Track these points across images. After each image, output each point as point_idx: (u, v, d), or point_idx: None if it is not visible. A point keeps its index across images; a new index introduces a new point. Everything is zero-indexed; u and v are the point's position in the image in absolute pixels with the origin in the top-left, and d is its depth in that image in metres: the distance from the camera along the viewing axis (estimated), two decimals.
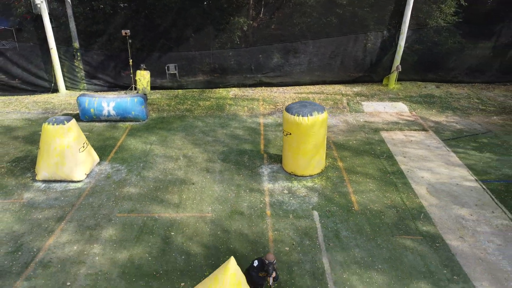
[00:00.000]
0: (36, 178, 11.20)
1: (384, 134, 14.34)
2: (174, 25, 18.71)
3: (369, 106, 16.94)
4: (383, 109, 16.72)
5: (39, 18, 18.02)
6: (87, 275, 8.01)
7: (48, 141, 10.85)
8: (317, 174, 11.56)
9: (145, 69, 18.12)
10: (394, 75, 18.57)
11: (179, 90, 18.83)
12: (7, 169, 11.93)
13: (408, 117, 15.80)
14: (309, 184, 11.15)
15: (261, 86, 19.09)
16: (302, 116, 10.59)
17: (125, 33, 17.41)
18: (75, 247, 8.76)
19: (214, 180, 11.37)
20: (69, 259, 8.42)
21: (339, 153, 12.84)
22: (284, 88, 18.93)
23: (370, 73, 19.15)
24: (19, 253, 8.60)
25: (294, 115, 10.67)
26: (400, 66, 18.12)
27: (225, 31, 18.55)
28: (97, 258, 8.46)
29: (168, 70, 19.00)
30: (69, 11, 18.22)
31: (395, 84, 18.77)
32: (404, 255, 8.60)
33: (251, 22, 18.55)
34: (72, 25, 18.43)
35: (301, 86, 19.02)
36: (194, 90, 18.87)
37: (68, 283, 7.81)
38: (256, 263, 6.76)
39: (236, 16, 18.19)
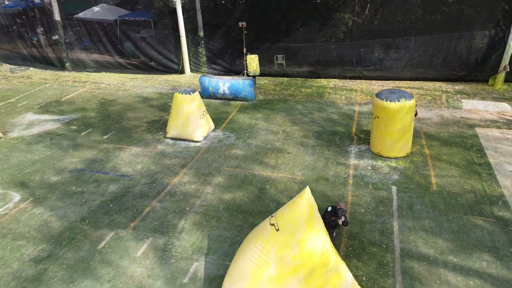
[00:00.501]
0: (167, 135, 14.17)
1: (479, 130, 14.56)
2: (284, 19, 20.78)
3: (469, 104, 17.03)
4: (484, 107, 16.68)
5: (173, 11, 21.50)
6: (200, 205, 10.42)
7: (177, 107, 13.67)
8: (402, 157, 12.57)
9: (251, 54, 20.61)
10: (501, 75, 18.20)
11: (284, 78, 20.88)
12: (146, 127, 15.19)
13: (510, 117, 15.63)
14: (393, 164, 12.25)
15: (361, 79, 20.19)
16: (390, 101, 11.74)
17: (242, 25, 19.93)
18: (193, 186, 11.28)
19: (307, 152, 13.11)
20: (188, 193, 10.94)
21: (427, 142, 13.58)
22: (384, 81, 19.77)
23: (474, 72, 18.99)
24: (154, 184, 11.40)
25: (383, 100, 11.87)
26: (508, 66, 17.74)
27: (330, 26, 20.04)
28: (208, 195, 10.85)
29: (277, 60, 21.15)
30: (197, 5, 21.39)
31: (501, 84, 18.37)
32: (472, 231, 9.37)
33: (356, 18, 19.74)
34: (199, 17, 21.60)
35: (401, 81, 19.66)
36: (298, 78, 20.75)
37: (187, 208, 10.29)
38: (329, 208, 8.33)
39: (341, 12, 19.56)
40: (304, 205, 6.90)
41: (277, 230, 7.06)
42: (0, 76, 22.88)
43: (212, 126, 14.75)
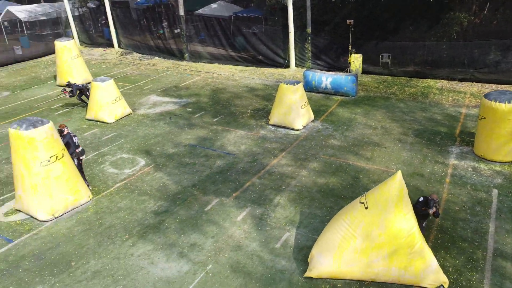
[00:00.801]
0: (269, 122, 15.34)
1: None
2: (393, 17, 20.61)
3: None
4: None
5: (284, 8, 22.66)
6: (296, 185, 11.31)
7: (281, 96, 14.72)
8: (509, 162, 11.99)
9: (355, 53, 20.79)
10: None
11: (388, 77, 20.73)
12: (250, 114, 16.57)
13: None
14: (497, 168, 11.77)
15: (472, 81, 19.18)
16: (500, 102, 11.31)
17: (349, 22, 20.28)
18: (289, 168, 12.22)
19: (404, 148, 13.19)
20: (285, 174, 11.91)
21: None
22: (498, 86, 18.55)
23: None
24: (255, 163, 12.60)
25: (491, 101, 11.48)
26: None
27: (442, 25, 19.38)
28: (303, 178, 11.69)
29: (382, 58, 21.10)
30: (308, 3, 22.24)
31: None
32: None
33: (472, 17, 18.80)
34: (308, 14, 22.45)
35: None
36: (403, 78, 20.44)
37: (283, 187, 11.26)
38: (421, 198, 8.56)
39: (456, 11, 18.80)
40: (395, 187, 7.33)
41: (366, 208, 7.60)
42: (131, 63, 26.40)
43: (312, 117, 15.52)
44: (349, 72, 21.34)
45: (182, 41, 26.42)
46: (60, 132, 10.84)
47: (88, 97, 17.22)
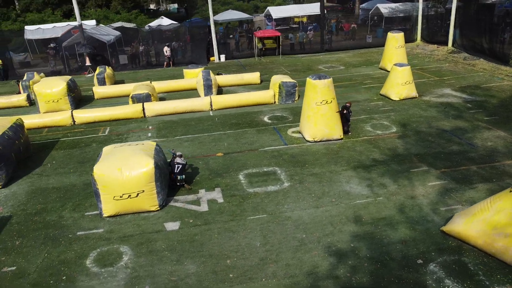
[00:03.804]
0: None
1: None
2: None
3: None
4: None
5: None
6: None
7: None
8: None
9: None
10: None
11: None
12: None
13: None
14: None
15: None
16: None
17: None
18: None
19: None
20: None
21: None
22: None
23: None
24: (486, 158, 13.36)
25: None
26: None
27: None
28: None
29: None
30: None
31: None
32: None
33: None
34: None
35: None
36: None
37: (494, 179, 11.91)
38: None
39: None
40: None
41: (510, 191, 8.41)
42: (453, 60, 27.95)
43: None
44: None
45: None
46: (345, 108, 15.59)
47: None
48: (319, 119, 14.97)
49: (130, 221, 10.90)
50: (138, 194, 10.82)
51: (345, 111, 15.56)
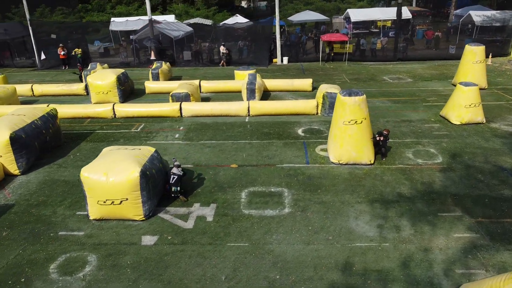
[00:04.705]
0: None
1: None
2: None
3: None
4: None
5: None
6: None
7: None
8: None
9: None
10: None
11: None
12: None
13: None
14: None
15: None
16: None
17: None
18: None
19: None
20: None
21: None
22: None
23: None
24: None
25: None
26: None
27: None
28: None
29: None
30: None
31: None
32: None
33: None
34: None
35: None
36: None
37: None
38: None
39: None
40: None
41: None
42: None
43: None
44: None
45: None
46: (381, 135, 13.60)
47: None
48: (346, 139, 13.34)
49: (112, 228, 10.56)
50: (121, 201, 10.43)
51: (380, 139, 13.67)
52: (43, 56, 32.32)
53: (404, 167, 13.49)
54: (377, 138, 13.64)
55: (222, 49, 30.94)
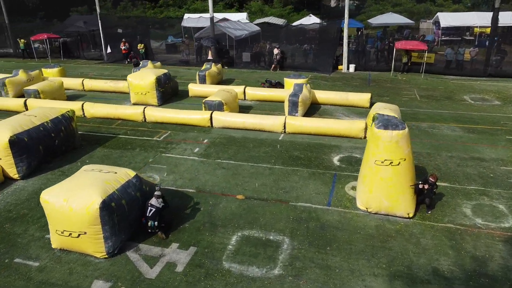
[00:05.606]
0: None
1: None
2: None
3: None
4: None
5: None
6: None
7: None
8: None
9: None
10: None
11: None
12: None
13: None
14: None
15: None
16: None
17: None
18: None
19: None
20: None
21: None
22: None
23: None
24: None
25: None
26: None
27: None
28: None
29: None
30: None
31: None
32: None
33: None
34: None
35: None
36: None
37: None
38: None
39: None
40: None
41: None
42: None
43: None
44: None
45: None
46: (426, 183, 10.55)
47: None
48: (376, 183, 10.44)
49: (69, 263, 9.09)
50: (79, 235, 8.91)
51: (424, 187, 10.54)
52: (109, 50, 32.94)
53: (455, 227, 10.21)
54: (420, 186, 10.52)
55: (276, 51, 28.66)
